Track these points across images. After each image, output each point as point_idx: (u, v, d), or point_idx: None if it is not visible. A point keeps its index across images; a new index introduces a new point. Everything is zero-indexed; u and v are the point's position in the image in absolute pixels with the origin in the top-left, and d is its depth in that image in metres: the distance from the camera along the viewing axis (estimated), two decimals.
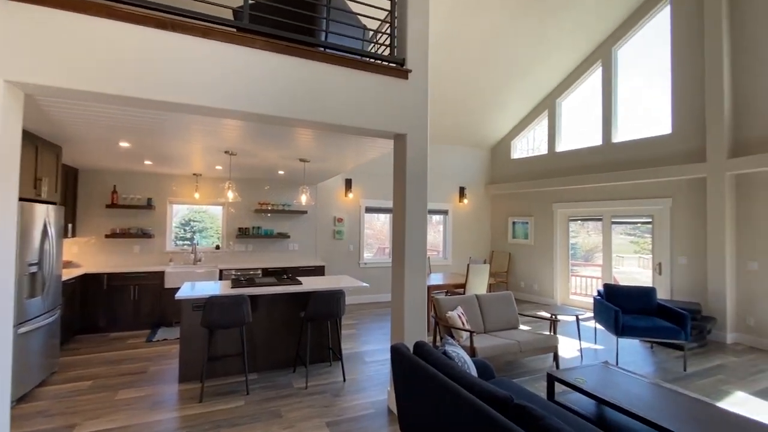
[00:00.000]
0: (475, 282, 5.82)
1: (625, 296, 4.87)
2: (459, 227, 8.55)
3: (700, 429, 2.12)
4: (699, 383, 3.84)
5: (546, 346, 4.06)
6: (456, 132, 8.21)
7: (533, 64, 6.89)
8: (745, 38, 5.16)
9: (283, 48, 2.55)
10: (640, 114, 6.58)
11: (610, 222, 6.85)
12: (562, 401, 2.84)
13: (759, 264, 4.99)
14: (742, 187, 5.20)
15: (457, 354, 2.44)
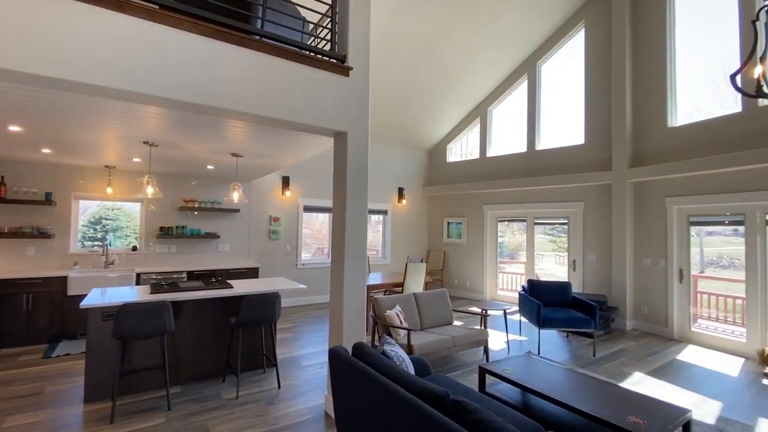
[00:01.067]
0: (412, 281, 5.95)
1: (545, 291, 5.32)
2: (398, 227, 8.70)
3: (607, 407, 2.37)
4: (606, 366, 4.32)
5: (477, 339, 4.27)
6: (396, 133, 8.35)
7: (468, 73, 7.24)
8: (643, 67, 5.93)
9: (213, 32, 2.35)
10: (560, 125, 7.25)
11: (533, 223, 7.45)
12: (493, 392, 3.01)
13: (651, 260, 5.77)
14: (639, 194, 5.97)
15: (395, 353, 2.46)
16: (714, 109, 5.25)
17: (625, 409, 2.35)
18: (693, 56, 5.55)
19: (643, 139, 5.91)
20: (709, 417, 3.16)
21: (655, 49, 5.79)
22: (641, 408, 2.37)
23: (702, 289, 6.26)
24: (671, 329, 5.47)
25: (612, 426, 2.18)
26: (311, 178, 7.25)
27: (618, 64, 6.07)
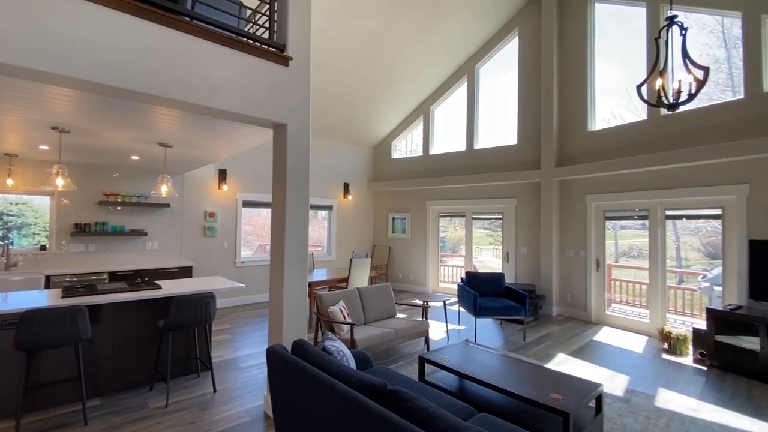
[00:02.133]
0: (357, 276, 5.97)
1: (482, 282, 5.63)
2: (343, 223, 8.66)
3: (532, 387, 2.58)
4: (534, 350, 4.69)
5: (419, 331, 4.41)
6: (342, 129, 8.27)
7: (411, 72, 7.38)
8: (568, 76, 6.47)
9: (135, 9, 2.15)
10: (496, 125, 7.68)
11: (471, 218, 7.83)
12: (432, 380, 3.12)
13: (573, 252, 6.35)
14: (564, 191, 6.53)
15: (336, 348, 2.45)
16: (627, 116, 5.89)
17: (548, 388, 2.57)
18: (610, 68, 6.18)
19: (567, 141, 6.46)
20: (618, 389, 3.56)
21: (577, 61, 6.34)
22: (561, 385, 2.61)
23: (615, 277, 7.04)
24: (590, 313, 6.08)
25: (536, 403, 2.37)
26: (251, 172, 6.93)
27: (546, 71, 6.56)
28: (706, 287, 5.70)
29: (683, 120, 5.03)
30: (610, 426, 2.89)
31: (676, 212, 5.25)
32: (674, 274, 7.23)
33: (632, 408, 3.19)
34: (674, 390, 3.57)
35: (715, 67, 5.36)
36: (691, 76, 2.89)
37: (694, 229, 7.19)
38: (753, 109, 4.41)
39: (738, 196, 4.49)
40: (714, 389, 3.60)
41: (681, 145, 4.97)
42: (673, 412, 3.13)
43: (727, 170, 4.61)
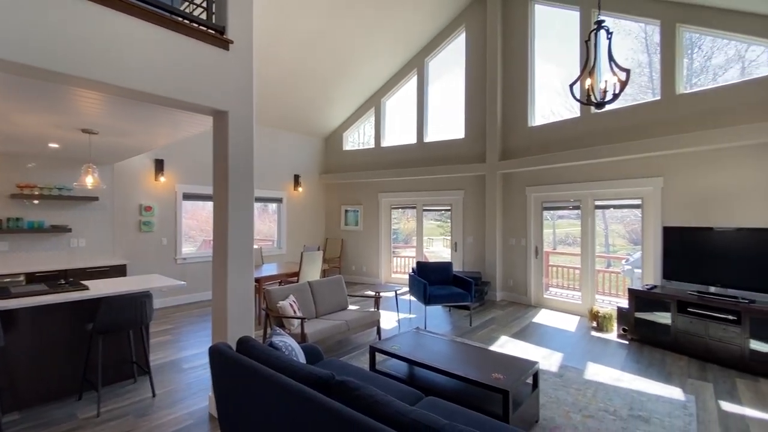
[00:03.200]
0: (309, 269, 5.88)
1: (431, 271, 5.80)
2: (294, 216, 8.45)
3: (476, 369, 2.72)
4: (479, 333, 4.94)
5: (370, 321, 4.46)
6: (292, 119, 8.03)
7: (361, 63, 7.32)
8: (511, 73, 6.78)
9: None
10: (445, 119, 7.87)
11: (422, 210, 8.01)
12: (383, 369, 3.18)
13: (515, 240, 6.74)
14: (507, 183, 6.88)
15: (284, 343, 2.40)
16: (564, 113, 6.30)
17: (490, 369, 2.72)
18: (550, 67, 6.56)
19: (510, 136, 6.80)
20: (553, 366, 3.87)
21: (519, 59, 6.66)
22: (502, 366, 2.78)
23: (552, 263, 7.59)
24: (530, 297, 6.51)
25: (479, 384, 2.50)
26: (192, 162, 6.52)
27: (491, 68, 6.83)
28: (628, 270, 6.33)
29: (610, 118, 5.49)
30: (545, 399, 3.14)
31: (603, 202, 5.74)
32: (603, 259, 7.98)
33: (565, 382, 3.48)
34: (601, 363, 3.94)
35: (638, 70, 5.90)
36: (615, 78, 3.16)
37: (620, 218, 7.93)
38: (668, 110, 4.93)
39: (654, 187, 5.02)
40: (633, 360, 4.03)
41: (608, 142, 5.43)
42: (599, 383, 3.46)
43: (646, 164, 5.12)
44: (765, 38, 4.18)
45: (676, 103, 4.86)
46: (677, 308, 4.24)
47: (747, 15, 4.26)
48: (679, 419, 2.84)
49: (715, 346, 3.92)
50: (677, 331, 4.23)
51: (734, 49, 4.70)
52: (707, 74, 4.92)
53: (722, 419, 2.85)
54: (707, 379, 3.57)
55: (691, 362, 3.98)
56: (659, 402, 3.11)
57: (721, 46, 4.83)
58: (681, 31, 4.87)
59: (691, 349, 4.11)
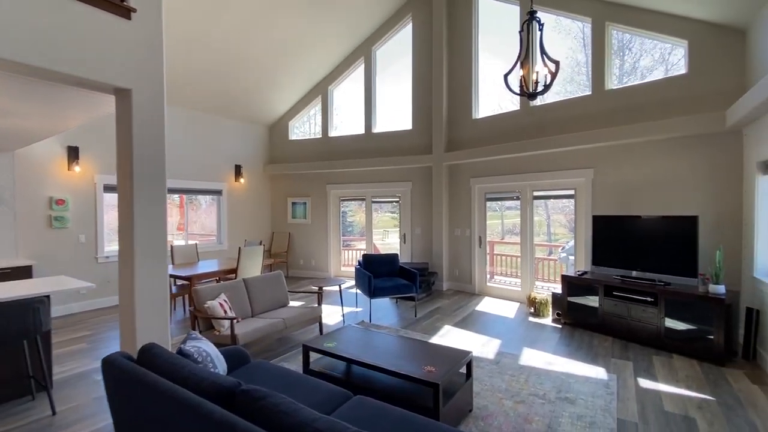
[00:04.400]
0: (248, 265, 5.57)
1: (378, 263, 5.72)
2: (236, 209, 7.99)
3: (410, 362, 2.66)
4: (424, 324, 4.95)
5: (311, 317, 4.29)
6: (230, 105, 7.52)
7: (305, 48, 6.98)
8: (456, 65, 6.81)
9: None
10: (393, 109, 7.78)
11: (370, 201, 7.90)
12: (317, 368, 3.04)
13: (460, 231, 6.84)
14: (453, 175, 6.95)
15: (197, 349, 2.18)
16: (510, 106, 6.41)
17: (424, 361, 2.67)
18: (496, 61, 6.64)
19: (455, 127, 6.85)
20: (490, 353, 3.94)
21: (464, 51, 6.70)
22: (436, 357, 2.75)
23: (498, 252, 7.85)
24: (474, 286, 6.66)
25: (410, 378, 2.44)
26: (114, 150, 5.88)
27: (436, 59, 6.81)
28: (563, 257, 6.67)
29: (546, 112, 5.68)
30: (481, 387, 3.17)
31: (541, 193, 5.96)
32: (545, 247, 8.38)
33: (501, 369, 3.55)
34: (535, 348, 4.08)
35: (577, 69, 6.15)
36: (546, 69, 3.20)
37: (561, 208, 8.35)
38: (598, 105, 5.17)
39: (586, 178, 5.27)
40: (565, 344, 4.22)
41: (544, 134, 5.62)
42: (532, 368, 3.57)
43: (579, 157, 5.36)
44: (681, 38, 4.48)
45: (606, 98, 5.11)
46: (604, 292, 4.50)
47: (665, 15, 4.54)
48: (601, 399, 2.98)
49: (636, 326, 4.20)
50: (604, 314, 4.49)
51: (659, 52, 5.03)
52: (636, 75, 5.22)
53: (639, 395, 3.03)
54: (628, 357, 3.81)
55: (615, 342, 4.24)
56: (586, 383, 3.26)
57: (648, 49, 5.14)
58: (610, 29, 5.10)
59: (616, 330, 4.38)
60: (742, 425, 2.57)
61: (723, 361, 3.56)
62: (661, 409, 2.80)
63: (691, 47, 4.39)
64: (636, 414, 2.75)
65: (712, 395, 3.00)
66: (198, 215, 8.88)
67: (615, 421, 2.65)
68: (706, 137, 4.32)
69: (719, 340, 3.58)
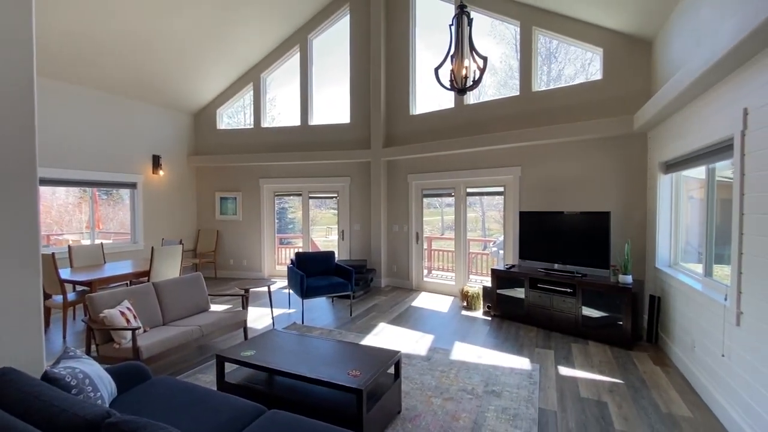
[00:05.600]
0: (165, 267, 5.02)
1: (312, 261, 5.47)
2: (155, 204, 7.20)
3: (334, 367, 2.49)
4: (359, 323, 4.81)
5: (234, 322, 3.94)
6: (149, 88, 6.73)
7: (233, 31, 6.44)
8: (394, 60, 6.74)
9: None
10: (331, 102, 7.52)
11: (307, 197, 7.58)
12: (235, 380, 2.75)
13: (398, 226, 6.82)
14: (391, 170, 6.89)
15: (71, 371, 1.81)
16: (448, 103, 6.44)
17: (349, 365, 2.52)
18: (438, 59, 6.64)
19: (394, 123, 6.79)
20: (423, 349, 3.91)
21: (402, 46, 6.64)
22: (364, 360, 2.61)
23: (435, 248, 7.96)
24: (411, 282, 6.68)
25: (333, 385, 2.28)
26: None
27: (375, 53, 6.68)
28: (494, 251, 6.93)
29: (478, 110, 5.82)
30: (411, 386, 3.10)
31: (474, 190, 6.11)
32: (480, 242, 8.69)
33: (432, 365, 3.53)
34: (466, 342, 4.14)
35: (509, 74, 6.36)
36: (475, 65, 3.20)
37: (494, 205, 8.69)
38: (526, 105, 5.39)
39: (514, 176, 5.49)
40: (493, 336, 4.33)
41: (476, 133, 5.75)
42: (462, 362, 3.59)
43: (507, 155, 5.56)
44: (597, 45, 4.80)
45: (533, 100, 5.34)
46: (530, 285, 4.70)
47: (584, 23, 4.83)
48: (525, 389, 3.06)
49: (558, 315, 4.44)
50: (530, 305, 4.70)
51: (580, 62, 5.36)
52: (561, 81, 5.51)
53: (559, 383, 3.17)
54: (550, 346, 4.00)
55: (540, 332, 4.45)
56: (512, 375, 3.34)
57: (572, 58, 5.45)
58: (536, 34, 5.33)
59: (540, 320, 4.60)
60: (647, 406, 2.77)
61: (630, 345, 3.88)
62: (578, 396, 2.94)
63: (606, 54, 4.72)
64: (555, 402, 2.85)
65: (622, 378, 3.22)
66: (116, 212, 7.91)
67: (536, 411, 2.72)
68: (618, 139, 4.68)
69: (627, 325, 3.89)
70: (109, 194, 7.61)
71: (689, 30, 3.27)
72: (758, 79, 2.17)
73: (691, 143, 3.16)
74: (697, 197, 3.69)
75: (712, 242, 3.12)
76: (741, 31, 2.04)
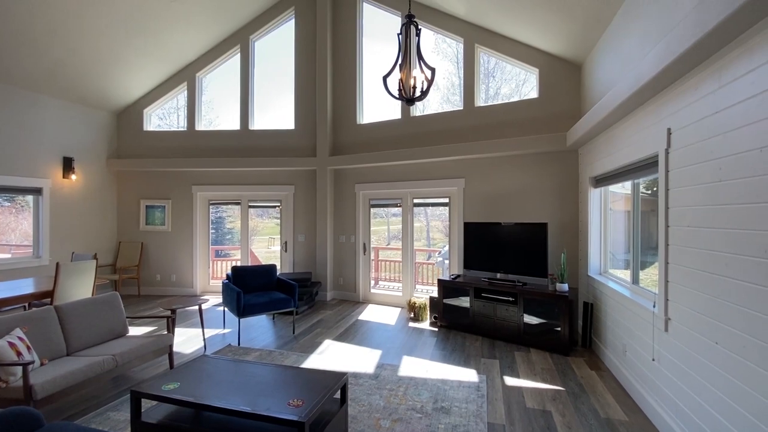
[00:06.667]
0: (72, 286, 4.34)
1: (251, 276, 5.08)
2: (65, 213, 6.29)
3: (272, 398, 2.24)
4: (302, 341, 4.52)
5: (157, 348, 3.47)
6: (61, 81, 5.89)
7: (165, 26, 5.89)
8: (341, 68, 6.61)
9: None
10: (275, 106, 7.17)
11: (247, 205, 7.12)
12: (154, 418, 2.37)
13: (345, 237, 6.63)
14: (338, 179, 6.71)
15: None
16: (394, 113, 6.42)
17: (291, 393, 2.29)
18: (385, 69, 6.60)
19: (341, 131, 6.64)
20: (370, 366, 3.75)
21: (348, 54, 6.55)
22: (307, 386, 2.39)
23: (383, 258, 7.87)
24: (358, 294, 6.50)
25: (272, 419, 2.03)
26: None
27: (321, 60, 6.51)
28: (440, 261, 7.01)
29: (423, 123, 5.88)
30: (358, 409, 2.92)
31: (420, 200, 6.14)
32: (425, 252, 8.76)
33: (380, 383, 3.37)
34: (414, 355, 4.05)
35: (452, 90, 6.51)
36: (423, 75, 3.17)
37: (438, 215, 8.83)
38: (468, 120, 5.54)
39: (458, 188, 5.59)
40: (440, 348, 4.30)
41: (422, 144, 5.80)
42: (410, 378, 3.48)
43: (452, 167, 5.66)
44: (534, 66, 5.08)
45: (475, 115, 5.51)
46: (474, 294, 4.76)
47: (522, 44, 5.10)
48: (473, 403, 3.02)
49: (501, 324, 4.54)
50: (474, 314, 4.75)
51: (515, 81, 5.64)
52: (498, 99, 5.75)
53: (505, 394, 3.18)
54: (495, 356, 4.05)
55: (485, 342, 4.51)
56: (460, 388, 3.29)
57: (509, 78, 5.72)
58: (478, 51, 5.54)
59: (485, 329, 4.67)
60: (587, 412, 2.86)
61: (568, 350, 4.05)
62: (524, 407, 2.96)
63: (541, 74, 5.02)
64: (503, 415, 2.84)
65: (562, 385, 3.32)
66: (19, 221, 6.78)
67: (486, 426, 2.68)
68: (553, 154, 4.97)
69: (565, 332, 4.06)
70: (13, 200, 6.52)
71: (614, 56, 3.56)
72: (680, 102, 2.37)
73: (619, 159, 3.40)
74: (619, 209, 4.00)
75: (638, 252, 3.36)
76: (662, 61, 2.20)
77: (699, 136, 2.16)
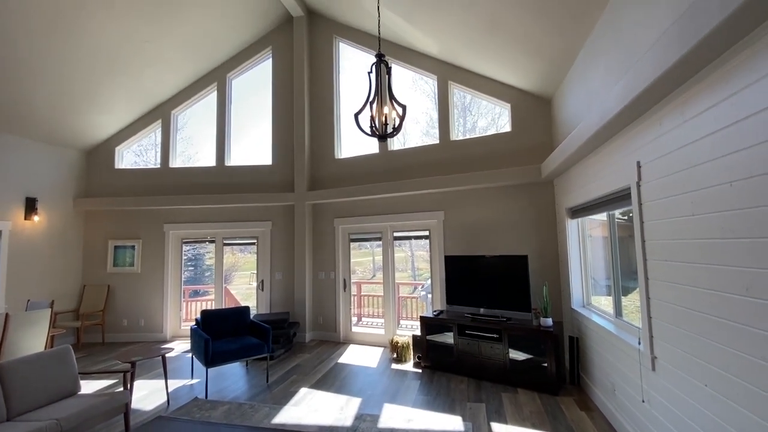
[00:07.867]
0: (23, 338, 3.98)
1: (222, 320, 4.78)
2: (24, 256, 5.90)
3: None
4: (277, 390, 4.20)
5: (110, 408, 3.13)
6: (25, 120, 5.70)
7: (140, 65, 5.85)
8: (318, 103, 6.66)
9: None
10: (252, 143, 7.11)
11: (222, 243, 6.86)
12: None
13: (324, 274, 6.41)
14: (317, 215, 6.58)
15: None
16: (372, 148, 6.40)
17: None
18: (356, 102, 6.67)
19: (319, 166, 6.58)
20: (349, 418, 3.47)
21: (326, 91, 6.63)
22: None
23: (365, 293, 7.63)
24: (339, 334, 6.21)
25: None
26: None
27: (298, 96, 6.55)
28: (423, 295, 6.83)
29: (400, 156, 5.90)
30: None
31: (401, 234, 6.04)
32: (409, 285, 8.56)
33: None
34: (396, 402, 3.79)
35: (431, 124, 6.61)
36: (395, 112, 3.16)
37: (422, 245, 8.71)
38: (445, 153, 5.58)
39: (438, 220, 5.54)
40: (424, 392, 4.05)
41: (400, 178, 5.79)
42: (392, 430, 3.22)
43: (430, 200, 5.63)
44: (506, 101, 5.20)
45: (451, 148, 5.55)
46: (458, 331, 4.58)
47: (493, 81, 5.25)
48: None
49: (487, 362, 4.34)
50: (459, 353, 4.55)
51: (491, 115, 5.77)
52: (475, 132, 5.85)
53: None
54: (481, 399, 3.83)
55: (470, 383, 4.28)
56: None
57: (484, 112, 5.86)
58: (452, 87, 5.67)
59: (470, 369, 4.46)
60: None
61: (556, 389, 3.87)
62: None
63: (513, 109, 5.13)
64: None
65: (553, 430, 3.12)
66: None
67: None
68: (529, 186, 5.00)
69: (552, 369, 3.90)
70: None
71: (581, 91, 3.65)
72: (647, 135, 2.38)
73: (593, 191, 3.40)
74: (597, 236, 3.97)
75: (618, 282, 3.30)
76: (624, 98, 2.23)
77: (669, 169, 2.15)
